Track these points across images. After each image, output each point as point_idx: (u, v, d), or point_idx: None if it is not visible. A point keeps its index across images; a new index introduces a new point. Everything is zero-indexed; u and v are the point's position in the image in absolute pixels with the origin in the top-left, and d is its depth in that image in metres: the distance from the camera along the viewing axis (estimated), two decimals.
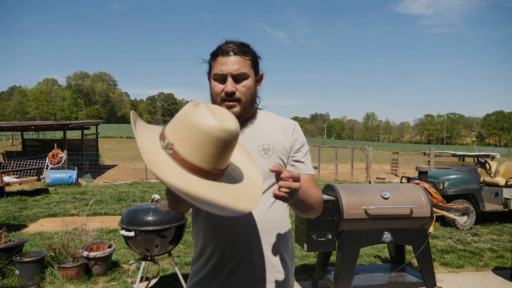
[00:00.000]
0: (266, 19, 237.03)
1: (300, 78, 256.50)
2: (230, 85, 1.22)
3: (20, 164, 14.06)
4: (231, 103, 1.24)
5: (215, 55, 1.27)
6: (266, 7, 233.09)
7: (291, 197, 1.03)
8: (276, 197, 1.02)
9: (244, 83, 1.24)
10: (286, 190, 1.01)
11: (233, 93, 1.23)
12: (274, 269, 1.28)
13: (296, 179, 1.03)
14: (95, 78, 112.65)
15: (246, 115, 1.31)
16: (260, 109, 1.42)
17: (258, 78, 1.34)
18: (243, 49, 1.25)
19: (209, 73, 1.30)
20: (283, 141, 1.33)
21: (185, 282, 3.37)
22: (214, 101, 1.29)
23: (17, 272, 3.66)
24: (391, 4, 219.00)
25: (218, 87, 1.25)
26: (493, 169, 7.02)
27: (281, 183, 1.01)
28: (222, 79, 1.24)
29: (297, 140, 1.35)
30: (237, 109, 1.25)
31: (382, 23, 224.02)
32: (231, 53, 1.23)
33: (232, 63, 1.22)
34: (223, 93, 1.24)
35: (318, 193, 1.30)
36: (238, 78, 1.24)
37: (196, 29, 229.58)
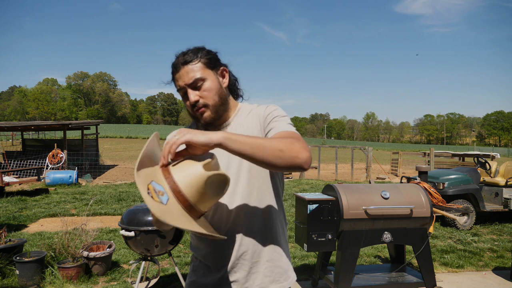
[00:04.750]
0: (266, 19, 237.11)
1: (300, 78, 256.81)
2: (192, 96, 1.25)
3: (20, 164, 14.05)
4: (200, 110, 1.27)
5: (172, 74, 1.31)
6: (266, 7, 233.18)
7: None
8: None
9: (204, 87, 1.26)
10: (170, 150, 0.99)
11: (196, 102, 1.26)
12: (269, 263, 1.30)
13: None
14: (95, 78, 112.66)
15: (221, 115, 1.31)
16: (242, 102, 1.42)
17: (221, 73, 1.33)
18: (189, 56, 1.27)
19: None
20: (258, 129, 1.31)
21: (185, 282, 3.37)
22: (191, 115, 1.32)
23: (17, 272, 3.66)
24: (391, 4, 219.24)
25: (187, 101, 1.29)
26: (493, 169, 7.01)
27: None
28: (184, 92, 1.28)
29: (267, 117, 1.30)
30: (208, 113, 1.27)
31: (381, 23, 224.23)
32: (180, 66, 1.26)
33: (184, 75, 1.25)
34: (190, 106, 1.28)
35: (280, 137, 1.14)
36: (195, 85, 1.26)
37: (196, 29, 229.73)
